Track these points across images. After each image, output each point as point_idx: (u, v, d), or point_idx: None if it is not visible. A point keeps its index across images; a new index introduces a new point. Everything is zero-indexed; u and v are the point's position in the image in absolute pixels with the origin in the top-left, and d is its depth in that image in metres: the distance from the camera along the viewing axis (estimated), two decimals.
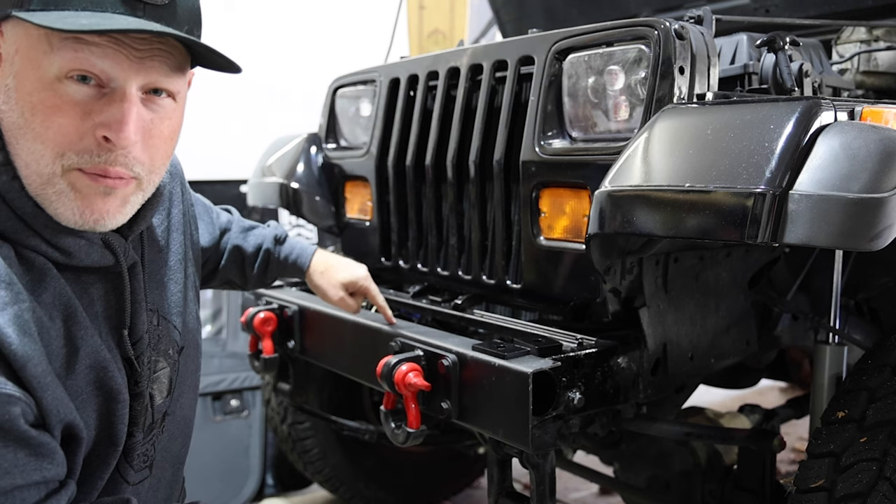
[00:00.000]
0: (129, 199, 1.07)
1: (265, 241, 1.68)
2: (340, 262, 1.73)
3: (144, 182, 1.08)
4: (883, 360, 1.35)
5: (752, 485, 1.75)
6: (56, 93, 0.98)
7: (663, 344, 1.58)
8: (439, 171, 1.82)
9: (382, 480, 2.66)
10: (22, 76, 0.99)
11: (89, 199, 1.03)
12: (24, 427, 0.95)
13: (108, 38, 0.97)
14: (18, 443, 0.94)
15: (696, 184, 1.15)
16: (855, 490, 1.19)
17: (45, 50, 0.97)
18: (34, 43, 0.98)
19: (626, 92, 1.46)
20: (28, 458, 0.95)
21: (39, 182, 1.01)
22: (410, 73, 1.91)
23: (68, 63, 0.97)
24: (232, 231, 1.67)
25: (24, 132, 1.00)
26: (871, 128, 1.12)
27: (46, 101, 0.98)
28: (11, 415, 0.93)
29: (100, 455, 1.12)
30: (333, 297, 1.69)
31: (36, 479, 0.96)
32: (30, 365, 0.96)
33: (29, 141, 1.00)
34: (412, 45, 4.38)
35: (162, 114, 1.06)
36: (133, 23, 0.97)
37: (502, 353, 1.40)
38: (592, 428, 1.64)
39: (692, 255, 1.63)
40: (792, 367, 2.52)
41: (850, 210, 1.04)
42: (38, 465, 0.97)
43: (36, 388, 0.96)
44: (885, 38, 1.84)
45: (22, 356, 0.95)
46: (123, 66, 0.99)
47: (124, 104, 1.00)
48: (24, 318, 0.97)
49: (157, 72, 1.02)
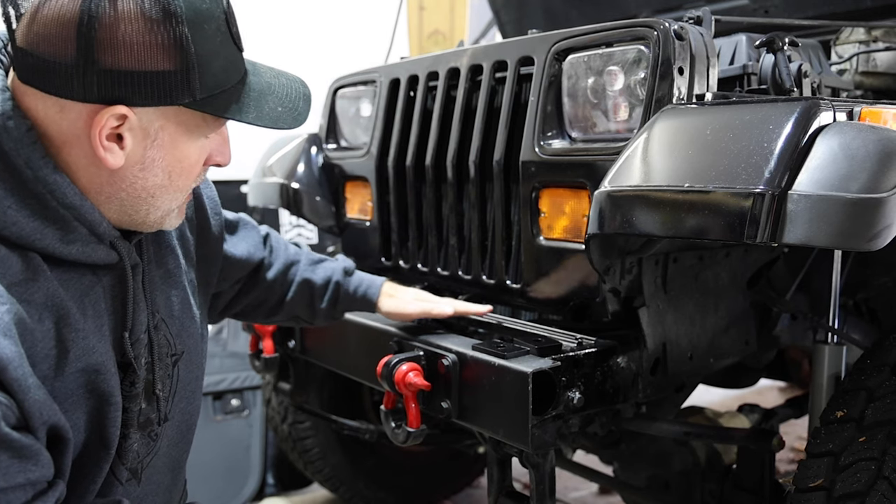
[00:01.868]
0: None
1: (335, 274, 1.65)
2: (406, 287, 1.72)
3: None
4: (882, 359, 1.36)
5: (751, 484, 1.75)
6: (203, 148, 1.12)
7: (663, 344, 1.59)
8: (439, 172, 1.82)
9: (383, 480, 2.66)
10: (171, 146, 1.08)
11: (182, 210, 1.19)
12: (6, 430, 0.94)
13: None
14: (0, 446, 0.94)
15: (696, 184, 1.16)
16: (854, 489, 1.19)
17: (198, 124, 1.08)
18: (188, 118, 1.07)
19: (626, 92, 1.46)
20: (11, 461, 0.95)
21: (159, 216, 1.14)
22: (410, 74, 1.91)
23: (219, 126, 1.12)
24: (301, 264, 1.65)
25: (165, 190, 1.11)
26: (870, 128, 1.12)
27: (196, 158, 1.11)
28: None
29: (91, 457, 1.11)
30: (414, 309, 1.65)
31: (20, 480, 0.96)
32: (10, 368, 0.95)
33: (170, 193, 1.12)
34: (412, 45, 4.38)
35: None
36: (299, 107, 1.15)
37: (502, 352, 1.40)
38: (592, 427, 1.64)
39: (691, 255, 1.63)
40: (791, 367, 2.52)
41: (848, 210, 1.04)
42: (22, 468, 0.96)
43: (17, 391, 0.96)
44: (884, 38, 1.85)
45: (1, 359, 0.94)
46: None
47: (225, 132, 1.16)
48: (5, 320, 0.96)
49: None
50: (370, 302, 1.65)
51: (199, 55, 1.01)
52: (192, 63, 1.01)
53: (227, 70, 1.06)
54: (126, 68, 0.98)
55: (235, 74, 1.08)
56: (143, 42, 0.98)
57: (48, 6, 0.96)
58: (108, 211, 1.09)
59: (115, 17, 0.96)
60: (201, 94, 1.03)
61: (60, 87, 0.98)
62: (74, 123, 1.01)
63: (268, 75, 1.16)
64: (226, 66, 1.06)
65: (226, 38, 1.06)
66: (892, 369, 1.32)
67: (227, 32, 1.06)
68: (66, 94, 0.98)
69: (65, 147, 1.03)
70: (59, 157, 1.03)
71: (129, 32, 0.97)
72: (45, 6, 0.96)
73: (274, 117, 1.12)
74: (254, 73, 1.13)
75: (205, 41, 1.02)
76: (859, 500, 1.18)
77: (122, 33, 0.96)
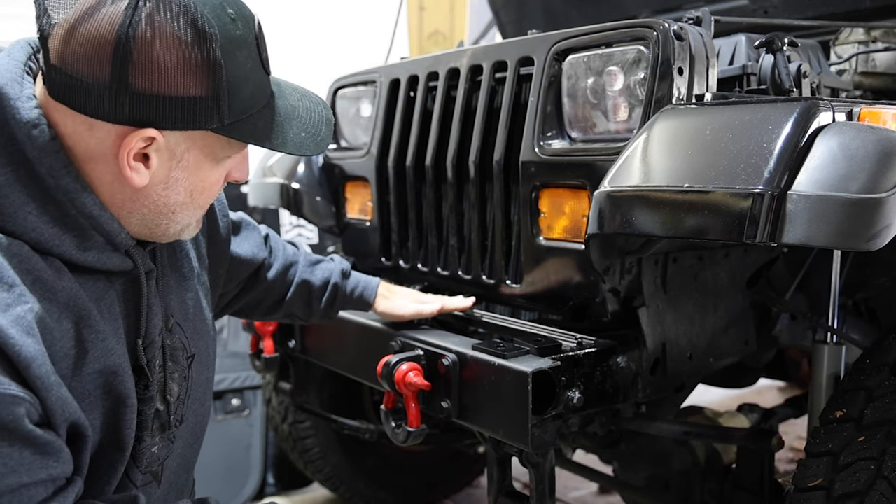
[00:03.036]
0: None
1: (332, 276, 1.68)
2: (400, 287, 1.76)
3: None
4: (881, 359, 1.36)
5: (750, 484, 1.75)
6: (224, 168, 1.14)
7: (662, 343, 1.59)
8: (439, 172, 1.82)
9: (383, 479, 2.67)
10: (196, 167, 1.10)
11: (199, 223, 1.19)
12: (29, 426, 0.96)
13: None
14: (23, 442, 0.95)
15: (695, 184, 1.16)
16: (853, 489, 1.19)
17: (223, 146, 1.10)
18: (213, 142, 1.09)
19: (626, 93, 1.46)
20: (34, 457, 0.96)
21: (176, 230, 1.15)
22: (410, 74, 1.91)
23: (242, 147, 1.13)
24: (299, 264, 1.68)
25: (186, 207, 1.13)
26: (869, 128, 1.12)
27: (214, 177, 1.13)
28: (16, 415, 0.94)
29: (107, 458, 1.13)
30: (409, 310, 1.69)
31: (42, 476, 0.97)
32: (34, 365, 0.96)
33: (190, 210, 1.14)
34: (412, 45, 4.38)
35: None
36: (322, 131, 1.16)
37: (502, 352, 1.40)
38: (592, 427, 1.65)
39: (691, 255, 1.63)
40: (790, 367, 2.53)
41: (848, 210, 1.04)
42: (44, 464, 0.98)
43: (40, 389, 0.97)
44: (883, 39, 1.85)
45: (26, 357, 0.96)
46: None
47: (245, 151, 1.16)
48: (27, 319, 0.98)
49: None
50: (366, 303, 1.70)
51: (229, 81, 1.03)
52: (222, 89, 1.02)
53: (255, 95, 1.08)
54: (159, 93, 0.99)
55: (262, 98, 1.10)
56: (176, 67, 0.99)
57: (85, 27, 0.97)
58: (129, 223, 1.10)
59: (151, 41, 0.97)
60: (229, 120, 1.05)
61: (91, 106, 0.99)
62: (103, 142, 1.02)
63: (292, 97, 1.17)
64: (254, 90, 1.08)
65: (256, 64, 1.07)
66: (892, 369, 1.32)
67: (258, 58, 1.08)
68: (96, 114, 0.99)
69: (90, 162, 1.04)
70: (82, 171, 1.04)
71: (163, 58, 0.98)
72: (81, 26, 0.97)
73: (298, 143, 1.13)
74: (280, 95, 1.15)
75: (236, 68, 1.03)
76: (858, 499, 1.18)
77: (156, 58, 0.97)
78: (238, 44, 1.04)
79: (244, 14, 1.06)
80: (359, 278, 1.71)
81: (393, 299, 1.71)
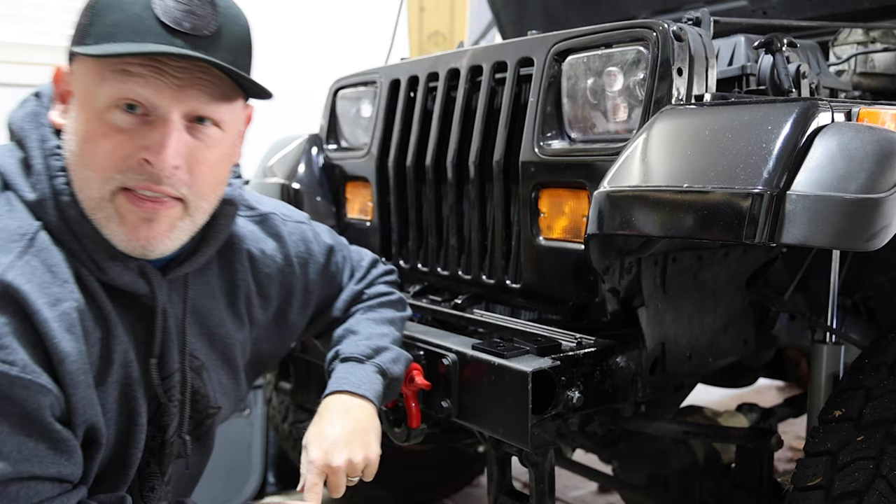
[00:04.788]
0: (177, 225, 1.11)
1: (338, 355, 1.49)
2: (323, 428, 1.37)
3: (192, 207, 1.12)
4: (880, 359, 1.36)
5: (749, 483, 1.75)
6: (105, 121, 1.05)
7: (662, 343, 1.59)
8: (439, 172, 1.83)
9: (383, 479, 2.63)
10: (79, 109, 1.07)
11: (133, 224, 1.08)
12: (50, 419, 0.98)
13: (150, 69, 1.03)
14: (41, 433, 0.97)
15: (695, 184, 1.16)
16: (852, 488, 1.20)
17: (97, 82, 1.04)
18: (89, 77, 1.05)
19: (625, 93, 1.46)
20: (48, 451, 0.98)
21: (91, 206, 1.07)
22: (411, 75, 1.91)
23: (115, 92, 1.03)
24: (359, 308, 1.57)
25: (78, 160, 1.07)
26: (868, 129, 1.13)
27: (96, 130, 1.05)
28: (40, 404, 0.97)
29: (113, 474, 1.14)
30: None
31: (52, 472, 0.99)
32: (67, 361, 1.00)
33: (80, 168, 1.07)
34: (412, 46, 4.38)
35: (207, 141, 1.11)
36: (164, 48, 1.02)
37: (502, 352, 1.41)
38: (591, 426, 1.65)
39: (690, 255, 1.63)
40: (789, 367, 2.53)
41: (847, 210, 1.04)
42: (56, 460, 0.99)
43: (69, 385, 1.00)
44: (882, 39, 1.85)
45: (62, 352, 0.99)
46: (165, 93, 1.04)
47: (165, 129, 1.05)
48: (72, 316, 1.02)
49: (197, 100, 1.07)
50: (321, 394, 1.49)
51: (101, 3, 1.09)
52: (95, 13, 1.08)
53: (123, 26, 1.08)
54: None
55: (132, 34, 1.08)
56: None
57: None
58: (85, 204, 1.12)
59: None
60: (89, 41, 1.09)
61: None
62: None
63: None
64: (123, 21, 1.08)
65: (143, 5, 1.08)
66: (890, 368, 1.32)
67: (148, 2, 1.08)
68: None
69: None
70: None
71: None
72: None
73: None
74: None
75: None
76: (857, 499, 1.19)
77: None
78: None
79: None
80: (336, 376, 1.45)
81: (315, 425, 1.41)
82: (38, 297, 0.99)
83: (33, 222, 1.06)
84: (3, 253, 1.00)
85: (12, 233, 1.03)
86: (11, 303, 0.97)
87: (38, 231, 1.05)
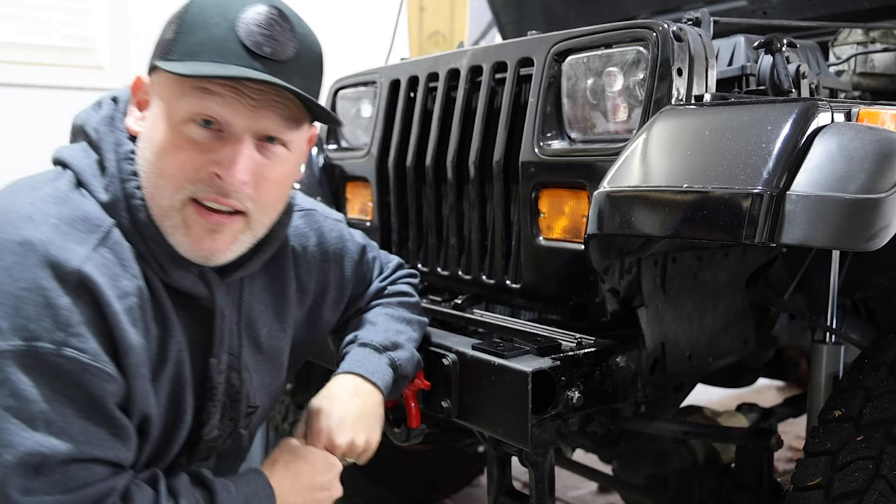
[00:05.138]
0: (238, 237, 1.17)
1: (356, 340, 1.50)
2: (333, 411, 1.38)
3: (253, 221, 1.17)
4: (879, 359, 1.36)
5: (749, 483, 1.76)
6: (181, 134, 1.10)
7: (661, 343, 1.59)
8: (439, 172, 1.83)
9: (383, 479, 2.67)
10: (156, 119, 1.13)
11: (198, 235, 1.13)
12: (112, 406, 1.04)
13: (229, 90, 1.09)
14: (104, 419, 1.03)
15: (694, 184, 1.16)
16: (851, 488, 1.20)
17: (176, 96, 1.10)
18: (170, 90, 1.11)
19: (625, 93, 1.46)
20: (108, 436, 1.04)
21: (160, 214, 1.13)
22: (411, 75, 1.91)
23: (194, 108, 1.09)
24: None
25: (152, 168, 1.12)
26: (868, 129, 1.13)
27: (172, 141, 1.11)
28: (105, 391, 1.03)
29: (147, 464, 1.17)
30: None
31: (110, 456, 1.04)
32: (132, 353, 1.05)
33: (154, 176, 1.12)
34: (412, 46, 4.38)
35: (274, 160, 1.16)
36: (245, 72, 1.08)
37: (502, 352, 1.41)
38: (591, 426, 1.65)
39: (690, 255, 1.63)
40: (789, 366, 2.53)
41: (846, 210, 1.04)
42: (114, 445, 1.05)
43: (131, 375, 1.06)
44: (882, 39, 1.85)
45: (128, 344, 1.05)
46: (241, 113, 1.10)
47: (237, 146, 1.11)
48: (136, 311, 1.07)
49: (270, 121, 1.13)
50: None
51: (185, 21, 1.15)
52: (180, 29, 1.15)
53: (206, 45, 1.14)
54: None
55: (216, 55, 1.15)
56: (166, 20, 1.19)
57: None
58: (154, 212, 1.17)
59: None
60: (174, 57, 1.15)
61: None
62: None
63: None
64: (207, 41, 1.14)
65: (227, 27, 1.13)
66: (890, 368, 1.33)
67: (233, 23, 1.13)
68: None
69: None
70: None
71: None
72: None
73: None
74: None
75: (198, 14, 1.15)
76: (857, 498, 1.19)
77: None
78: (216, 2, 1.11)
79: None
80: (349, 359, 1.46)
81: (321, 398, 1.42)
82: (109, 289, 1.04)
83: (108, 218, 1.11)
84: (80, 244, 1.05)
85: (90, 223, 1.09)
86: (86, 293, 1.02)
87: (112, 226, 1.11)
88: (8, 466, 0.96)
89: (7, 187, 1.14)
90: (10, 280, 1.00)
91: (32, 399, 0.98)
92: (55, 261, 1.01)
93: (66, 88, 3.34)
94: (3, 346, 0.98)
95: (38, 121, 3.25)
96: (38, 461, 0.97)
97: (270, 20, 1.11)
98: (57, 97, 3.30)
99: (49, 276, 1.01)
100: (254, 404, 1.34)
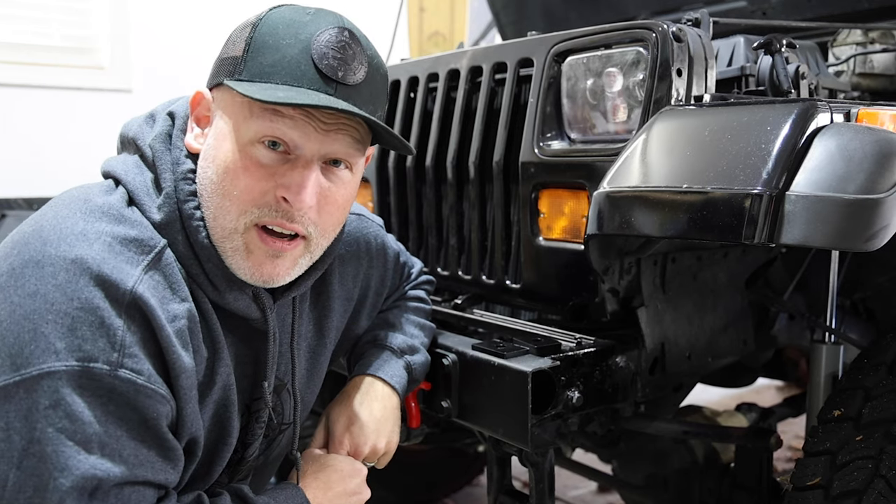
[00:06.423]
0: (298, 262, 1.16)
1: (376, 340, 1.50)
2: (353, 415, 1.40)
3: (313, 244, 1.16)
4: (879, 358, 1.36)
5: (749, 483, 1.76)
6: (247, 155, 1.08)
7: (661, 343, 1.59)
8: (439, 172, 1.83)
9: (383, 478, 2.65)
10: (221, 138, 1.10)
11: (259, 260, 1.12)
12: (164, 428, 1.02)
13: (300, 113, 1.07)
14: (155, 441, 1.01)
15: (694, 185, 1.16)
16: (851, 488, 1.20)
17: (245, 116, 1.08)
18: (237, 110, 1.09)
19: (625, 94, 1.47)
20: (158, 458, 1.02)
21: (220, 235, 1.11)
22: (411, 75, 1.92)
23: (263, 130, 1.07)
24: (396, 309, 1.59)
25: (216, 188, 1.10)
26: (867, 129, 1.13)
27: (238, 162, 1.08)
28: (159, 413, 1.00)
29: (190, 486, 1.16)
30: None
31: (161, 479, 1.03)
32: (183, 376, 1.03)
33: (218, 197, 1.10)
34: (412, 47, 4.38)
35: (339, 183, 1.14)
36: (323, 99, 1.06)
37: (502, 352, 1.41)
38: (591, 426, 1.65)
39: (690, 256, 1.64)
40: (789, 366, 2.53)
41: (846, 211, 1.05)
42: (164, 467, 1.03)
43: (181, 398, 1.04)
44: (881, 40, 1.85)
45: (179, 367, 1.02)
46: (310, 136, 1.08)
47: (306, 171, 1.09)
48: (186, 334, 1.05)
49: (340, 144, 1.11)
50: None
51: (256, 40, 1.14)
52: (249, 48, 1.14)
53: (278, 67, 1.13)
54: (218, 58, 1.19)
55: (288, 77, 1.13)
56: (231, 36, 1.18)
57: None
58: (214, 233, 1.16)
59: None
60: (243, 77, 1.14)
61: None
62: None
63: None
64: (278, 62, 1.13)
65: (301, 48, 1.12)
66: (889, 368, 1.33)
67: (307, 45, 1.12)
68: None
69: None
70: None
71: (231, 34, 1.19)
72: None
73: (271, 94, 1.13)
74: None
75: (268, 34, 1.13)
76: (856, 498, 1.19)
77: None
78: (287, 22, 1.09)
79: (321, 12, 1.13)
80: (367, 359, 1.47)
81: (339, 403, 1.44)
82: (161, 312, 1.02)
83: (160, 238, 1.09)
84: (132, 265, 1.03)
85: (143, 244, 1.06)
86: (140, 314, 1.00)
87: (164, 247, 1.08)
88: (64, 491, 0.93)
89: (58, 198, 1.11)
90: (64, 299, 0.96)
91: (87, 421, 0.95)
92: (109, 281, 0.99)
93: (66, 88, 3.34)
94: (58, 367, 0.94)
95: (39, 121, 3.26)
96: (94, 485, 0.95)
97: (343, 43, 1.10)
98: (57, 97, 3.30)
99: (103, 297, 0.98)
100: (288, 421, 1.33)
